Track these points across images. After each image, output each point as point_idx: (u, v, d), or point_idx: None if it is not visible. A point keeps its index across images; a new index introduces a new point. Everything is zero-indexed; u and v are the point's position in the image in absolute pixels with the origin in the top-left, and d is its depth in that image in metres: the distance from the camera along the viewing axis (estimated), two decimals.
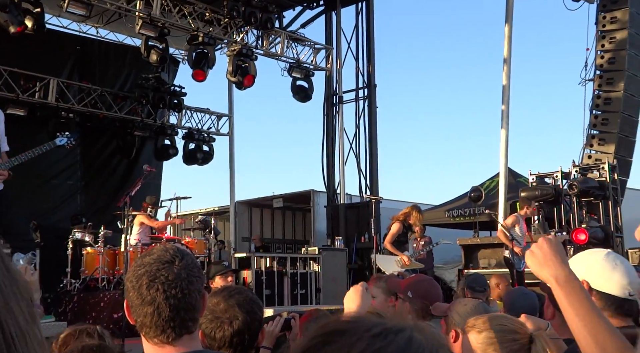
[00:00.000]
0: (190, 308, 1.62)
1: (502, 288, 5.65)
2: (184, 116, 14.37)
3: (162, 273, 1.60)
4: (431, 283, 3.47)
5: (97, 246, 9.03)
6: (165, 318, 1.58)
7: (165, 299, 1.58)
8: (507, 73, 11.75)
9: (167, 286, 1.59)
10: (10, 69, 11.07)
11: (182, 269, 1.62)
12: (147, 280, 1.60)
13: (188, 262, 1.65)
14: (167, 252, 1.66)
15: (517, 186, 12.18)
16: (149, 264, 1.63)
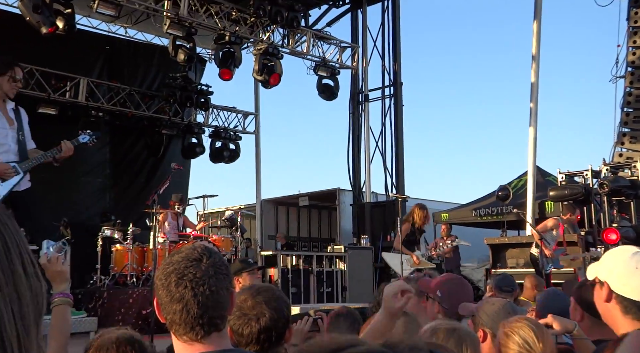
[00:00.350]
0: (219, 305, 1.63)
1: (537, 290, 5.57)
2: (210, 115, 14.48)
3: (190, 271, 1.62)
4: (461, 282, 3.43)
5: (126, 243, 9.15)
6: (194, 316, 1.60)
7: (193, 296, 1.60)
8: (535, 70, 11.60)
9: (194, 283, 1.61)
10: (42, 69, 11.28)
11: (209, 267, 1.64)
12: (175, 277, 1.62)
13: (216, 260, 1.67)
14: (195, 250, 1.68)
15: (545, 185, 12.03)
16: (177, 262, 1.65)
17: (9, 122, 4.78)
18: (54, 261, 2.49)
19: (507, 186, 12.46)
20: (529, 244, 9.06)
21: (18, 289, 0.57)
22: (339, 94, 13.11)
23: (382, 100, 13.63)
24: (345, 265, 10.63)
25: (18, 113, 4.89)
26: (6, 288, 0.56)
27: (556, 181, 11.64)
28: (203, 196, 10.77)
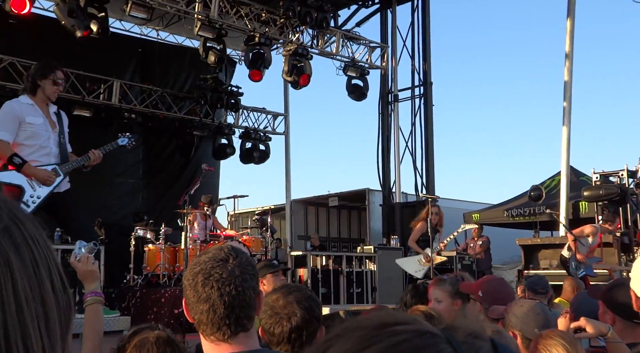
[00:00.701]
0: (245, 305, 1.65)
1: (577, 292, 5.47)
2: (240, 116, 14.59)
3: (216, 271, 1.64)
4: (502, 283, 3.41)
5: (158, 243, 9.27)
6: (221, 316, 1.62)
7: (219, 296, 1.62)
8: (569, 69, 11.41)
9: (221, 283, 1.62)
10: (77, 72, 11.51)
11: (235, 267, 1.65)
12: (202, 277, 1.64)
13: (242, 260, 1.68)
14: (222, 251, 1.70)
15: (579, 185, 11.82)
16: (204, 262, 1.67)
17: (52, 126, 4.89)
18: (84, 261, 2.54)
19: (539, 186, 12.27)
20: (562, 245, 8.91)
21: (46, 305, 0.57)
22: (368, 94, 13.08)
23: (411, 100, 13.56)
24: (375, 266, 10.60)
25: (59, 116, 4.99)
26: (33, 304, 0.56)
27: (590, 181, 11.43)
28: (233, 196, 10.86)
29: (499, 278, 3.63)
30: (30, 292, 0.56)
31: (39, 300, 0.57)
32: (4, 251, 0.56)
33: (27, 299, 0.56)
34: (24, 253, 0.58)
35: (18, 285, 0.56)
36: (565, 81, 11.43)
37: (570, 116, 11.37)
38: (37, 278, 0.58)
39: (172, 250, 9.33)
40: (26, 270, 0.57)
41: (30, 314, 0.56)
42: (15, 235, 0.58)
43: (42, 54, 11.03)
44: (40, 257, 0.59)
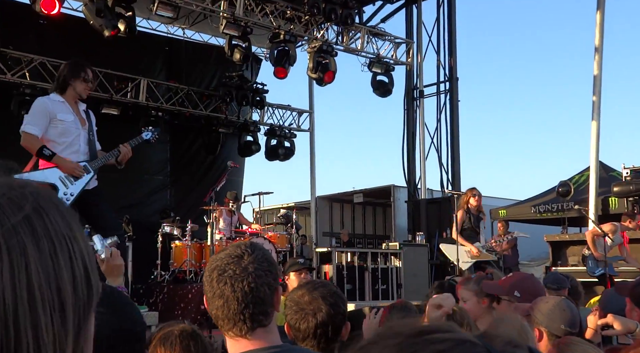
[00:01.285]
0: (259, 301, 1.66)
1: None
2: (266, 113, 14.65)
3: (230, 267, 1.66)
4: (535, 281, 3.35)
5: (185, 240, 9.37)
6: (235, 311, 1.64)
7: (232, 292, 1.64)
8: (598, 62, 11.21)
9: (234, 280, 1.64)
10: (105, 71, 11.67)
11: (250, 263, 1.67)
12: (217, 274, 1.67)
13: (258, 256, 1.69)
14: (239, 248, 1.72)
15: (609, 181, 11.61)
16: (221, 259, 1.70)
17: (82, 123, 4.97)
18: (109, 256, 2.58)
19: (568, 181, 12.11)
20: None
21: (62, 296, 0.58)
22: (393, 90, 13.03)
23: (437, 96, 13.47)
24: (401, 262, 10.57)
25: (88, 114, 5.08)
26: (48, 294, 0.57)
27: (620, 177, 11.22)
28: (259, 193, 10.92)
29: (530, 275, 3.56)
30: (46, 282, 0.57)
31: (55, 291, 0.57)
32: (21, 240, 0.57)
33: (40, 288, 0.57)
34: (43, 243, 0.59)
35: (32, 274, 0.57)
36: (594, 75, 11.24)
37: (600, 110, 11.18)
38: (55, 268, 0.58)
39: (199, 246, 9.42)
40: (43, 260, 0.58)
41: (42, 303, 0.56)
42: (35, 224, 0.59)
43: (71, 53, 11.22)
44: (61, 247, 0.60)
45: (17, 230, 0.58)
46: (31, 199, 0.61)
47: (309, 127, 15.31)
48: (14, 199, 0.60)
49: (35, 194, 0.62)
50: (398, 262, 10.59)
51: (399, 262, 10.58)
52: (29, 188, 0.63)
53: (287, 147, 14.37)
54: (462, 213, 8.12)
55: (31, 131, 4.72)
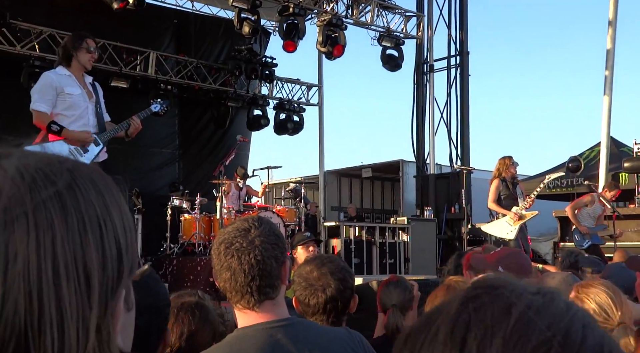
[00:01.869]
0: (266, 274, 1.67)
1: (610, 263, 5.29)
2: (275, 87, 14.60)
3: (237, 240, 1.68)
4: (522, 256, 3.35)
5: (194, 213, 9.42)
6: (242, 284, 1.66)
7: (239, 265, 1.66)
8: (612, 36, 11.06)
9: (240, 252, 1.66)
10: (114, 43, 11.64)
11: (256, 237, 1.68)
12: (224, 247, 1.69)
13: (265, 230, 1.71)
14: (246, 221, 1.74)
15: (620, 156, 11.55)
16: (228, 232, 1.72)
17: (89, 96, 4.98)
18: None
19: (578, 157, 12.05)
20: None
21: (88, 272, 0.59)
22: (403, 65, 12.92)
23: (447, 70, 13.35)
24: (408, 237, 10.61)
25: (95, 87, 5.08)
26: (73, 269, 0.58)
27: (632, 152, 11.16)
28: (267, 167, 10.94)
29: (518, 251, 3.56)
30: (72, 258, 0.58)
31: (81, 267, 0.58)
32: (49, 215, 0.58)
33: (66, 264, 0.57)
34: (72, 219, 0.59)
35: (58, 249, 0.57)
36: (607, 49, 11.09)
37: (612, 85, 11.07)
38: (83, 245, 0.59)
39: (208, 219, 9.48)
40: (71, 236, 0.58)
41: (67, 278, 0.57)
42: (67, 200, 0.60)
43: (80, 25, 11.18)
44: (91, 225, 0.60)
45: (47, 205, 0.58)
46: (67, 175, 0.62)
47: (317, 102, 15.25)
48: (49, 174, 0.60)
49: (73, 170, 0.63)
50: (406, 237, 10.63)
51: (407, 237, 10.62)
52: (67, 164, 0.63)
53: (296, 121, 14.34)
54: (497, 182, 7.77)
55: (40, 108, 4.73)
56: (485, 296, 0.58)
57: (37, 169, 0.61)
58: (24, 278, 0.56)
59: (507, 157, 7.85)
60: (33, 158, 0.62)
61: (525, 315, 0.55)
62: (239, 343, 1.66)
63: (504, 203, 7.77)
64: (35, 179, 0.60)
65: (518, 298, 0.57)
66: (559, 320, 0.55)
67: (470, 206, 11.35)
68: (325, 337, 1.77)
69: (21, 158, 0.62)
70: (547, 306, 0.56)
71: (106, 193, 0.64)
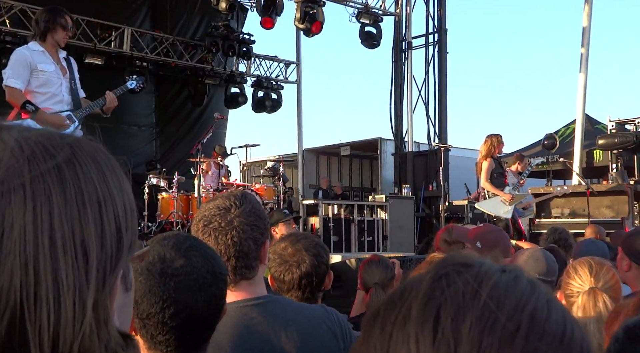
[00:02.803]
0: (242, 255, 1.66)
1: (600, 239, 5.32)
2: (252, 64, 14.46)
3: (215, 220, 1.65)
4: (500, 234, 3.40)
5: (172, 191, 9.37)
6: None
7: (216, 245, 1.63)
8: (587, 14, 11.12)
9: (218, 232, 1.64)
10: (88, 19, 11.40)
11: (236, 217, 1.66)
12: (202, 224, 1.67)
13: (245, 210, 1.68)
14: (228, 199, 1.70)
15: (594, 134, 11.70)
16: (208, 209, 1.69)
17: (62, 72, 4.87)
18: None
19: (553, 134, 12.18)
20: (575, 194, 8.91)
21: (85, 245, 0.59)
22: (381, 42, 12.87)
23: (425, 47, 13.33)
24: (387, 215, 10.67)
25: (69, 62, 4.97)
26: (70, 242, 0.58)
27: (606, 130, 11.31)
28: (245, 145, 10.87)
29: (497, 229, 3.61)
30: (69, 231, 0.58)
31: (78, 240, 0.58)
32: (47, 188, 0.58)
33: (63, 236, 0.57)
34: (70, 193, 0.59)
35: (55, 221, 0.57)
36: (583, 27, 11.16)
37: (588, 62, 11.16)
38: (81, 219, 0.59)
39: (185, 198, 9.44)
40: (69, 209, 0.58)
41: (64, 251, 0.57)
42: (66, 174, 0.60)
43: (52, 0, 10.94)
44: (90, 200, 0.60)
45: (45, 178, 0.58)
46: (67, 149, 0.62)
47: (296, 79, 15.16)
48: (49, 148, 0.60)
49: (74, 146, 0.63)
50: (384, 214, 10.69)
51: (385, 214, 10.68)
52: (68, 139, 0.63)
53: (274, 99, 14.25)
54: (490, 161, 7.73)
55: (14, 85, 4.62)
56: (455, 275, 0.60)
57: (37, 143, 0.60)
58: (19, 248, 0.55)
59: (495, 135, 7.81)
60: (34, 131, 0.62)
61: (494, 295, 0.58)
62: None
63: (496, 181, 7.76)
64: (34, 152, 0.59)
65: (486, 276, 0.59)
66: (525, 299, 0.58)
67: (447, 184, 11.44)
68: (301, 314, 1.77)
69: (22, 131, 0.62)
70: (513, 286, 0.59)
71: (107, 171, 0.64)
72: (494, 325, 0.55)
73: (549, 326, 0.57)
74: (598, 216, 8.74)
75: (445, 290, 0.58)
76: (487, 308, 0.56)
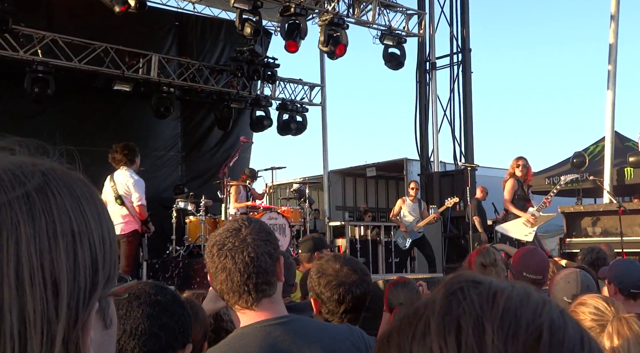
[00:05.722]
0: (261, 271, 1.67)
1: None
2: (277, 87, 14.59)
3: (229, 240, 1.68)
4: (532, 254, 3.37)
5: (199, 215, 9.43)
6: (238, 283, 1.65)
7: (234, 264, 1.65)
8: (614, 31, 11.02)
9: (234, 252, 1.66)
10: (117, 47, 11.65)
11: (247, 235, 1.68)
12: (216, 249, 1.69)
13: (255, 228, 1.71)
14: (236, 222, 1.74)
15: (624, 151, 11.50)
16: (219, 234, 1.72)
17: None
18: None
19: (582, 152, 11.99)
20: (605, 212, 8.74)
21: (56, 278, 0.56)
22: (405, 63, 12.89)
23: (450, 67, 13.32)
24: None
25: None
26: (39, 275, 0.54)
27: (636, 147, 11.11)
28: (271, 168, 10.93)
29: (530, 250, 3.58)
30: (38, 263, 0.54)
31: (48, 273, 0.55)
32: (14, 216, 0.55)
33: (31, 268, 0.54)
34: (40, 222, 0.56)
35: (22, 252, 0.54)
36: (610, 43, 11.05)
37: (616, 79, 11.02)
38: (52, 250, 0.55)
39: (213, 221, 9.49)
40: (38, 240, 0.55)
41: (31, 284, 0.54)
42: (36, 202, 0.56)
43: (82, 30, 11.23)
44: (62, 230, 0.57)
45: (12, 206, 0.55)
46: (38, 177, 0.58)
47: (320, 102, 15.24)
48: (18, 176, 0.57)
49: (47, 173, 0.59)
50: None
51: None
52: (42, 166, 0.60)
53: (299, 121, 14.32)
54: (513, 182, 7.71)
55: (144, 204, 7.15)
56: (469, 289, 0.60)
57: (6, 170, 0.58)
58: None
59: (518, 157, 7.87)
60: (5, 160, 0.59)
61: (510, 305, 0.58)
62: (237, 342, 1.66)
63: (518, 204, 7.69)
64: (2, 179, 0.57)
65: (499, 289, 0.60)
66: (540, 309, 0.59)
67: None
68: (324, 331, 1.77)
69: None
70: (526, 298, 0.60)
71: (84, 201, 0.60)
72: (516, 333, 0.56)
73: (568, 334, 0.57)
74: (631, 235, 8.55)
75: (462, 302, 0.59)
76: (506, 318, 0.57)
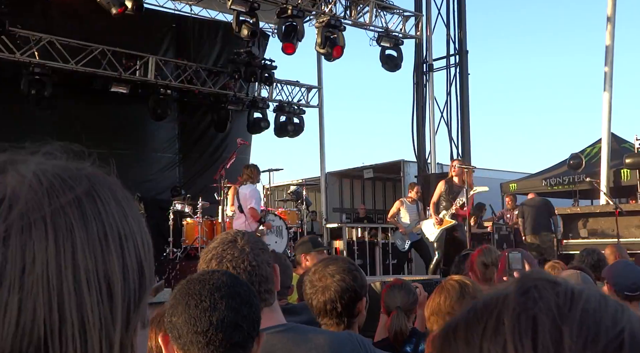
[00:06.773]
0: (263, 279, 1.68)
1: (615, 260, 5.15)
2: (274, 89, 14.59)
3: (227, 252, 1.69)
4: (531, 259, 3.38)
5: (196, 217, 9.42)
6: None
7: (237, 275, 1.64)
8: (610, 32, 11.05)
9: (235, 262, 1.67)
10: (114, 49, 11.64)
11: (245, 245, 1.69)
12: (215, 262, 1.69)
13: (250, 238, 1.73)
14: (229, 234, 1.76)
15: (621, 153, 11.53)
16: (215, 247, 1.72)
17: None
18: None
19: (579, 154, 12.03)
20: (602, 214, 8.76)
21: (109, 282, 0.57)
22: (402, 65, 12.91)
23: (447, 69, 13.34)
24: None
25: None
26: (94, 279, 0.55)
27: (633, 148, 11.14)
28: (269, 170, 10.93)
29: None
30: (93, 265, 0.56)
31: (102, 275, 0.56)
32: (68, 221, 0.56)
33: (87, 270, 0.55)
34: (92, 226, 0.57)
35: (78, 255, 0.55)
36: (606, 45, 11.08)
37: (612, 81, 11.06)
38: (104, 253, 0.57)
39: (210, 223, 9.49)
40: (91, 243, 0.56)
41: (88, 285, 0.55)
42: (86, 207, 0.58)
43: (78, 31, 11.22)
44: (112, 234, 0.58)
45: (66, 211, 0.56)
46: (85, 182, 0.60)
47: (317, 103, 15.24)
48: (67, 180, 0.58)
49: (92, 178, 0.61)
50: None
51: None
52: (86, 171, 0.61)
53: (296, 123, 14.33)
54: (442, 184, 8.18)
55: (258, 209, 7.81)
56: (544, 288, 0.58)
57: (55, 175, 0.59)
58: (42, 284, 0.53)
59: (452, 159, 8.26)
60: (51, 163, 0.60)
61: (589, 308, 0.56)
62: None
63: (441, 204, 8.30)
64: (53, 184, 0.57)
65: (576, 291, 0.58)
66: (620, 315, 0.56)
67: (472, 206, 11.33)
68: (323, 338, 1.77)
69: (39, 163, 0.60)
70: (604, 301, 0.57)
71: (125, 204, 0.62)
72: (596, 338, 0.54)
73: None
74: (628, 237, 8.57)
75: (538, 301, 0.56)
76: (585, 321, 0.55)
